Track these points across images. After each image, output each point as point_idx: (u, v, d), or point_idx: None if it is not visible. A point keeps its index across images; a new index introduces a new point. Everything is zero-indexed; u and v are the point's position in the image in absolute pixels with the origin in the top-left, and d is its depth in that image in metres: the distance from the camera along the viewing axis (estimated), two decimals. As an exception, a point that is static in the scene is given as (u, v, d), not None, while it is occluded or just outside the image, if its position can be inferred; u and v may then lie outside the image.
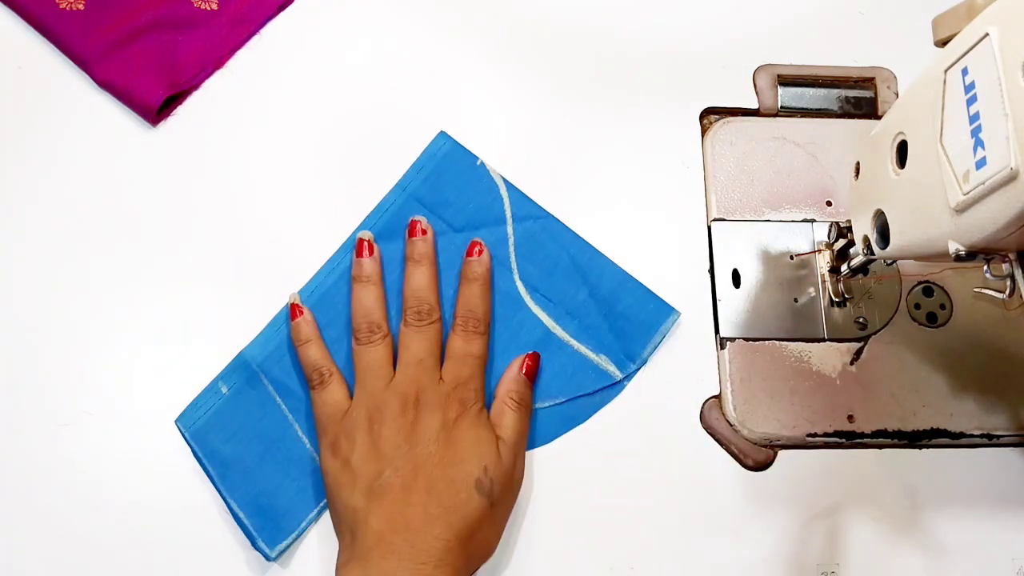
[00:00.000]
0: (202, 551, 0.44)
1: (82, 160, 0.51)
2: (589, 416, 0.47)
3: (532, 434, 0.47)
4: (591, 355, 0.48)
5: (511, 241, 0.50)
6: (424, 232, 0.48)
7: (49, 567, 0.44)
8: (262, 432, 0.46)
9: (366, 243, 0.48)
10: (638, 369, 0.48)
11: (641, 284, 0.49)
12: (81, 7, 0.53)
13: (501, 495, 0.42)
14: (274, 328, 0.48)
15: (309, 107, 0.53)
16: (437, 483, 0.40)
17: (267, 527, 0.44)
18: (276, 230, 0.50)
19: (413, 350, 0.45)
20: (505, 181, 0.51)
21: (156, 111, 0.51)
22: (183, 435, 0.45)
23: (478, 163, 0.51)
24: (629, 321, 0.49)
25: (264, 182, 0.51)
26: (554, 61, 0.55)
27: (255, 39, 0.55)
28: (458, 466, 0.41)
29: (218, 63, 0.54)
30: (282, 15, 0.55)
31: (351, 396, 0.45)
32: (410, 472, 0.41)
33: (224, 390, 0.46)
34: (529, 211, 0.50)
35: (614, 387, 0.47)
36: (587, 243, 0.50)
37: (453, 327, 0.46)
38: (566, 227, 0.50)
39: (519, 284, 0.49)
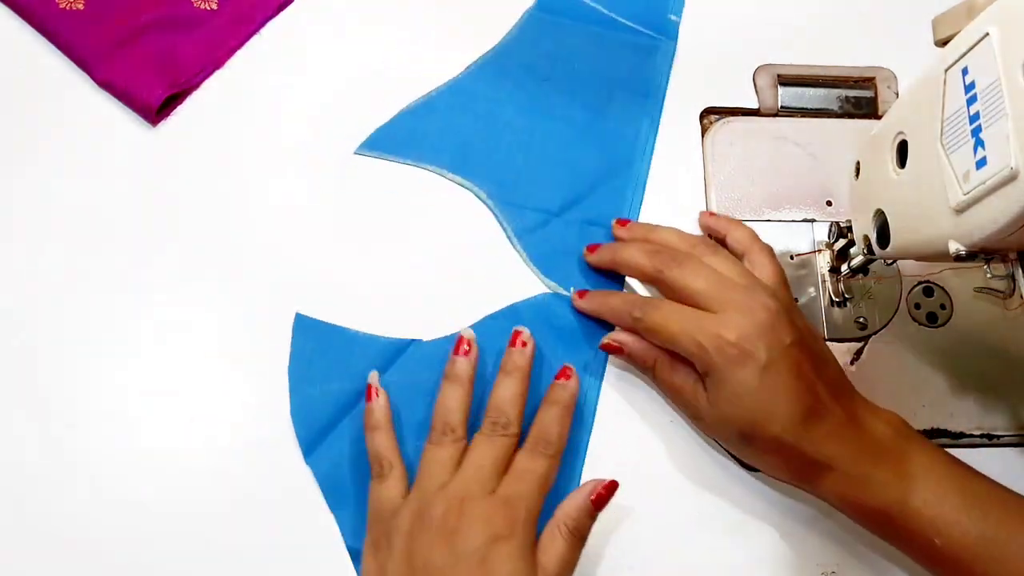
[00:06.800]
0: (201, 552, 0.44)
1: (82, 160, 0.51)
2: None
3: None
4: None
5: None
6: (524, 344, 0.45)
7: (49, 568, 0.44)
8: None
9: (464, 340, 0.45)
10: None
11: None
12: (81, 7, 0.53)
13: None
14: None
15: (309, 107, 0.53)
16: None
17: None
18: (276, 230, 0.50)
19: (476, 455, 0.42)
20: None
21: (156, 111, 0.51)
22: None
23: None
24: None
25: (264, 182, 0.51)
26: (554, 61, 0.55)
27: (255, 39, 0.55)
28: None
29: (218, 63, 0.53)
30: (282, 15, 0.55)
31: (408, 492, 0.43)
32: None
33: None
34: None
35: None
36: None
37: (523, 445, 0.43)
38: None
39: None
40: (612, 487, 0.42)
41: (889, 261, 0.50)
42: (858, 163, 0.45)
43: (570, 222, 0.51)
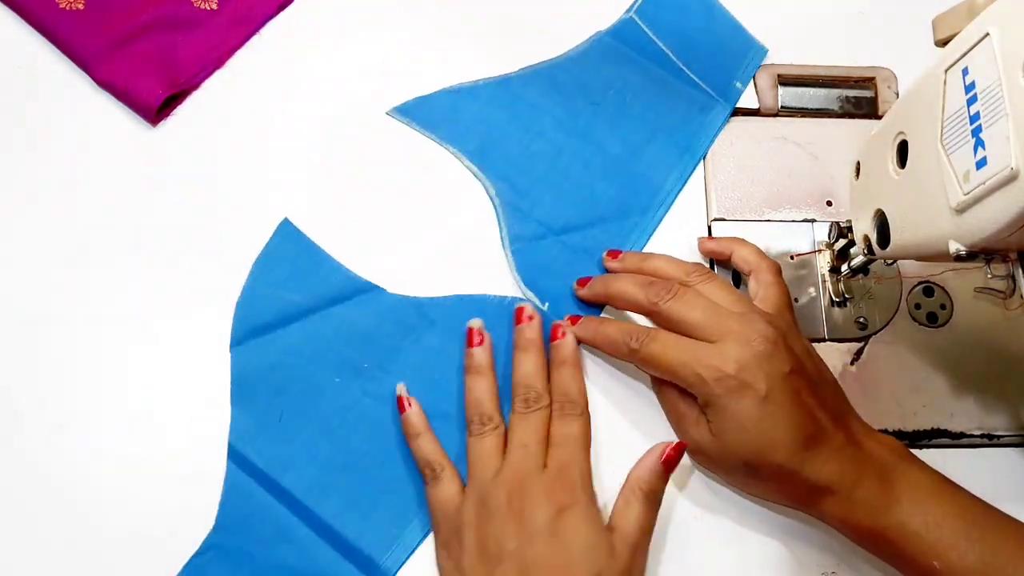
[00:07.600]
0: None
1: (82, 160, 0.51)
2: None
3: None
4: None
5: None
6: (531, 318, 0.46)
7: (47, 568, 0.44)
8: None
9: (475, 331, 0.46)
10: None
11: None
12: (81, 7, 0.53)
13: None
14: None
15: (309, 107, 0.53)
16: None
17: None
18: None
19: (519, 435, 0.43)
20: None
21: (156, 111, 0.51)
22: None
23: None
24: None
25: (264, 182, 0.51)
26: (554, 61, 0.55)
27: (255, 39, 0.55)
28: (569, 570, 0.39)
29: (218, 63, 0.53)
30: (282, 15, 0.55)
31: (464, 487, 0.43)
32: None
33: None
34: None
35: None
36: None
37: (552, 412, 0.44)
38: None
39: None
40: (681, 448, 0.43)
41: (889, 261, 0.50)
42: (858, 163, 0.45)
43: (566, 244, 0.50)
